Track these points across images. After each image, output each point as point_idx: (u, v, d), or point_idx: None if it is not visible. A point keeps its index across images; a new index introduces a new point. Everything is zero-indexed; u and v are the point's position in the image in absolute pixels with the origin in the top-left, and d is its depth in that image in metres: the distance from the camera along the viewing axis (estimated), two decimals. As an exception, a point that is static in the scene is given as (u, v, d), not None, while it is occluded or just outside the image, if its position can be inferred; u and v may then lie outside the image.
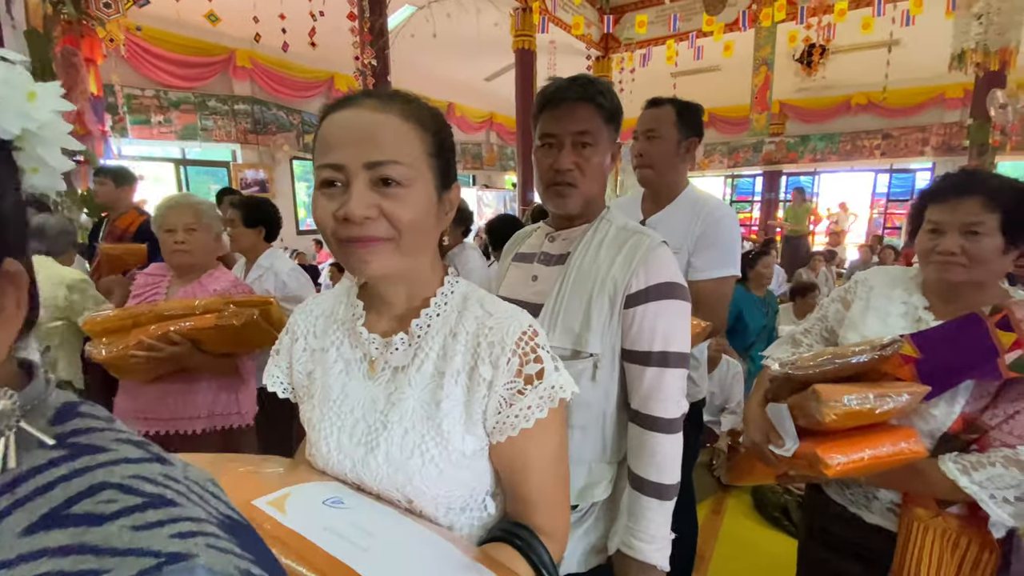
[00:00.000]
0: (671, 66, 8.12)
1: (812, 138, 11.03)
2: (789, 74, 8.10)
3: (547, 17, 7.31)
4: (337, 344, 0.71)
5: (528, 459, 0.66)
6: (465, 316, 0.66)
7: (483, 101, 11.73)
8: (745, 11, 7.23)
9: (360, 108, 0.59)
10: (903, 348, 0.96)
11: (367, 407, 0.66)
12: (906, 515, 1.01)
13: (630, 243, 0.99)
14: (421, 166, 0.60)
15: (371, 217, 0.57)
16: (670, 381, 0.96)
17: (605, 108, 1.00)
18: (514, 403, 0.63)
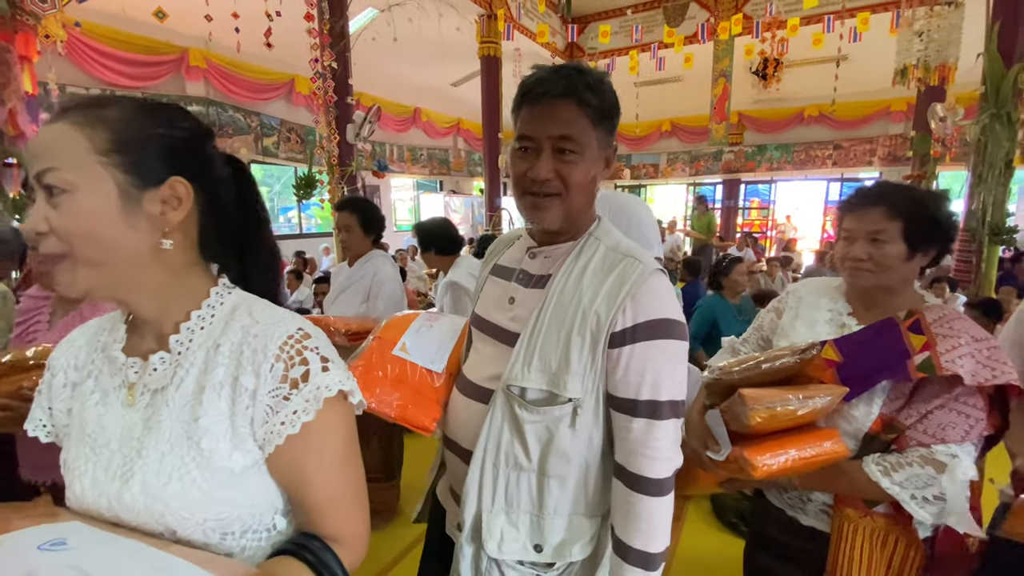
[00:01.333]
0: (634, 76, 8.27)
1: (768, 148, 11.44)
2: (747, 86, 8.36)
3: (512, 25, 7.35)
4: (95, 374, 0.65)
5: (304, 466, 0.61)
6: (231, 326, 0.62)
7: (450, 106, 11.67)
8: (704, 24, 7.45)
9: (46, 124, 0.56)
10: (826, 352, 1.00)
11: (123, 437, 0.60)
12: (837, 516, 1.04)
13: (619, 270, 0.84)
14: (87, 170, 0.54)
15: (42, 232, 0.54)
16: (661, 435, 0.82)
17: (593, 107, 0.82)
18: (280, 410, 0.59)
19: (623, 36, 8.51)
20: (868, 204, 1.04)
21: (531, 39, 7.93)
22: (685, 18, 7.91)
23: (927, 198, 1.02)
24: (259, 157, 7.84)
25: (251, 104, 7.53)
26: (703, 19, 7.74)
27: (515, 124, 0.88)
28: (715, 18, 7.41)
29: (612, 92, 0.86)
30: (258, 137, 7.78)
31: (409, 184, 12.83)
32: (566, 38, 8.61)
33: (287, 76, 7.90)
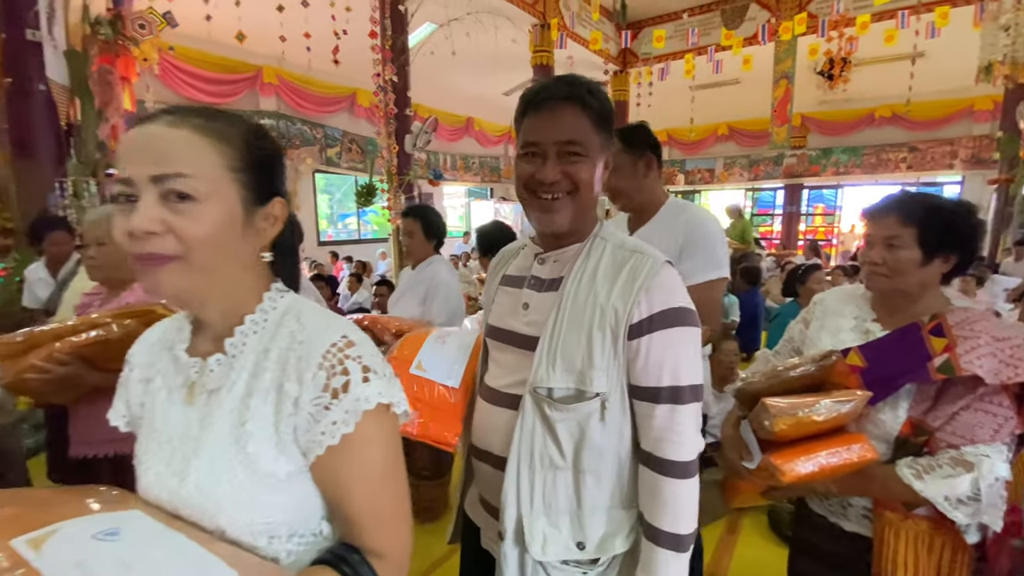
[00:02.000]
0: (689, 80, 8.12)
1: (835, 151, 10.88)
2: (811, 87, 8.03)
3: (565, 33, 7.40)
4: (163, 371, 0.68)
5: (344, 478, 0.61)
6: (280, 331, 0.63)
7: (501, 115, 11.85)
8: (764, 25, 7.21)
9: (155, 123, 0.57)
10: (850, 358, 1.02)
11: (183, 435, 0.62)
12: (878, 520, 1.03)
13: (629, 265, 0.88)
14: (219, 180, 0.57)
15: (153, 232, 0.55)
16: (683, 419, 0.85)
17: (594, 110, 0.87)
18: (320, 419, 0.59)
19: (678, 40, 8.36)
20: (885, 211, 1.08)
21: (584, 46, 7.95)
22: (744, 19, 7.69)
23: (944, 206, 1.04)
24: (323, 167, 8.27)
25: (316, 117, 7.97)
26: (763, 20, 7.51)
27: (518, 133, 0.92)
28: (777, 18, 7.16)
29: (608, 99, 0.91)
30: (322, 148, 8.21)
31: (461, 191, 13.12)
32: (619, 44, 8.57)
33: (349, 90, 8.31)
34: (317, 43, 4.74)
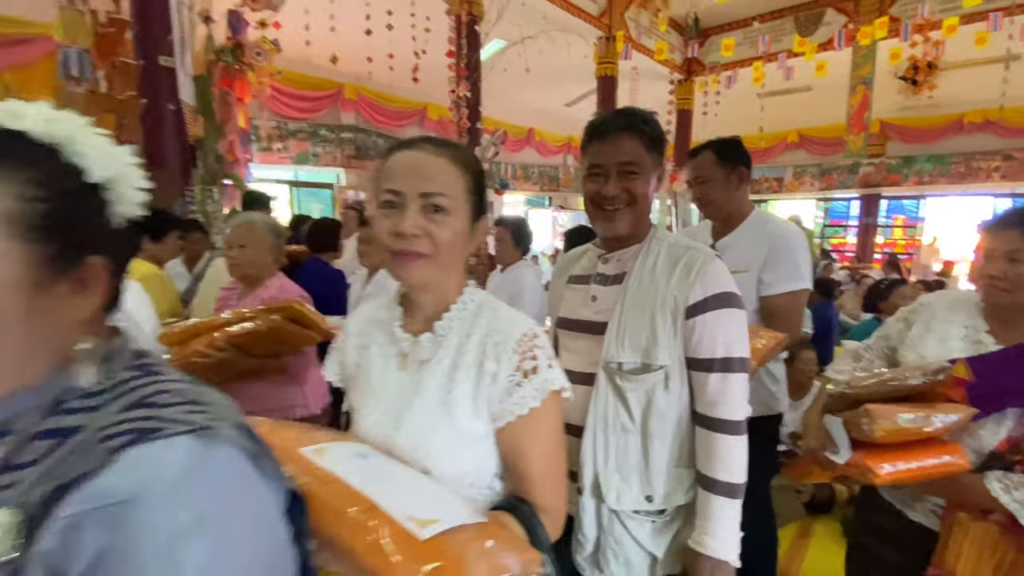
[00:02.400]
0: (757, 87, 7.95)
1: (918, 159, 10.23)
2: (891, 91, 7.64)
3: (631, 44, 7.48)
4: (378, 342, 0.84)
5: (525, 442, 0.75)
6: (479, 320, 0.79)
7: (562, 125, 12.02)
8: (841, 30, 6.98)
9: (420, 150, 0.74)
10: (957, 370, 1.03)
11: (398, 393, 0.78)
12: (948, 517, 1.07)
13: (685, 259, 1.05)
14: (461, 200, 0.74)
15: (415, 235, 0.71)
16: (734, 385, 1.02)
17: (648, 136, 1.07)
18: (513, 393, 0.73)
19: (747, 47, 8.21)
20: (1007, 224, 1.08)
21: (649, 57, 7.98)
22: (821, 24, 7.47)
23: None
24: (394, 177, 8.72)
25: (391, 130, 8.44)
26: (840, 24, 7.26)
27: (584, 157, 1.14)
28: (855, 23, 6.91)
29: (659, 126, 1.10)
30: (394, 159, 8.67)
31: (520, 200, 13.37)
32: (685, 53, 8.53)
33: (421, 104, 8.73)
34: (397, 62, 5.10)
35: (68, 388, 0.46)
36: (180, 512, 0.40)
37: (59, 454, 0.42)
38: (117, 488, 0.39)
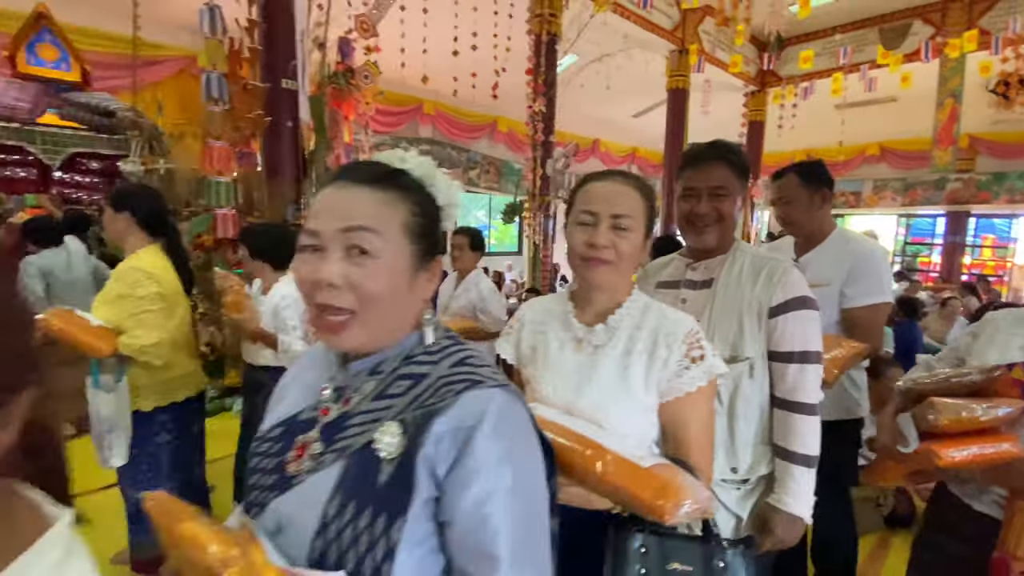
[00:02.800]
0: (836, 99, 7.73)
1: (1010, 176, 9.54)
2: (982, 105, 7.23)
3: (704, 58, 7.50)
4: (554, 328, 1.03)
5: (688, 414, 0.92)
6: (648, 317, 0.96)
7: (627, 136, 12.09)
8: (928, 42, 6.71)
9: (612, 181, 0.94)
10: (1015, 372, 1.16)
11: (576, 369, 0.96)
12: (1010, 506, 1.18)
13: (767, 268, 1.23)
14: (641, 221, 0.93)
15: (608, 247, 0.92)
16: (809, 374, 1.19)
17: (736, 165, 1.26)
18: (683, 374, 0.90)
19: (826, 58, 8.01)
20: None
21: (723, 70, 7.96)
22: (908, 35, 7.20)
23: None
24: (466, 187, 9.12)
25: (462, 142, 8.86)
26: (927, 35, 6.98)
27: (678, 181, 1.33)
28: (942, 35, 6.63)
29: (744, 155, 1.30)
30: (465, 170, 9.08)
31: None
32: (759, 65, 8.44)
33: (492, 118, 9.11)
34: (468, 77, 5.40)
35: (416, 345, 0.66)
36: (501, 441, 0.57)
37: (416, 391, 0.61)
38: (464, 418, 0.57)
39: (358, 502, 0.56)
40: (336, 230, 0.59)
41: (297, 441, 0.64)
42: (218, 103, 3.57)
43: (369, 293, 0.59)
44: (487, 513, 0.55)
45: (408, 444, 0.57)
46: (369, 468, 0.58)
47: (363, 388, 0.63)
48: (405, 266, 0.62)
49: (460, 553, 0.57)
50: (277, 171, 3.93)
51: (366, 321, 0.60)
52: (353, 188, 0.61)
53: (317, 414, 0.65)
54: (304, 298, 0.63)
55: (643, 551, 0.85)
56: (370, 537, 0.55)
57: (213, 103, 3.56)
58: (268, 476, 0.64)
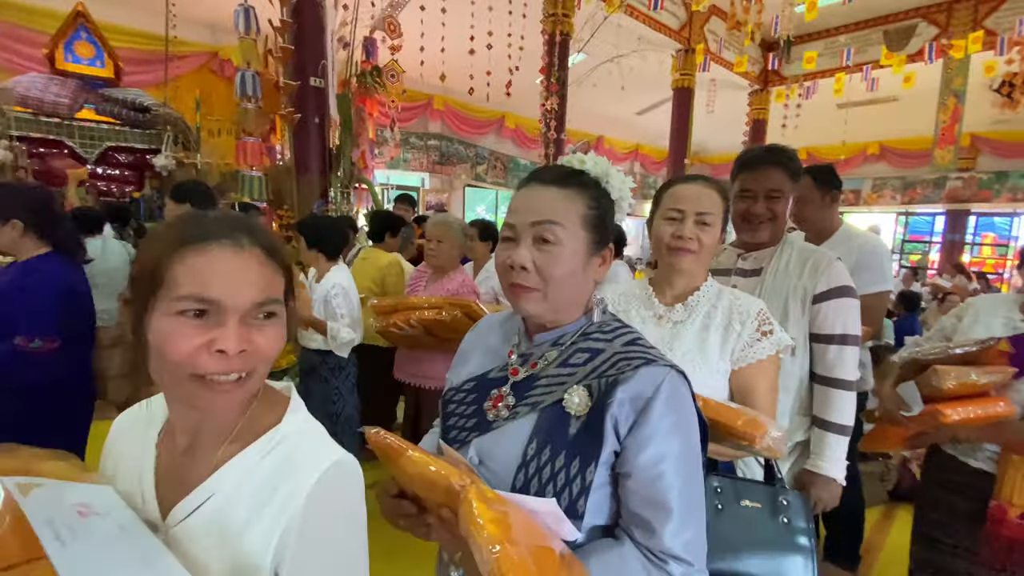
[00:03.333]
0: (838, 98, 7.87)
1: (1011, 175, 9.73)
2: (984, 104, 7.39)
3: (709, 57, 7.64)
4: (636, 307, 1.20)
5: (758, 379, 1.08)
6: (722, 298, 1.14)
7: (630, 133, 12.24)
8: (932, 43, 6.86)
9: (697, 184, 1.10)
10: (1001, 345, 1.36)
11: (657, 340, 1.08)
12: (1003, 459, 1.39)
13: (812, 259, 1.40)
14: (719, 218, 1.08)
15: (692, 239, 1.08)
16: (848, 354, 1.36)
17: (789, 168, 1.41)
18: (754, 345, 1.07)
19: (829, 58, 8.16)
20: None
21: (728, 69, 8.10)
22: (913, 36, 7.34)
23: None
24: (473, 182, 9.27)
25: (470, 138, 9.00)
26: (930, 36, 7.12)
27: (733, 183, 1.47)
28: (947, 36, 6.78)
29: (797, 158, 1.44)
30: (473, 165, 9.22)
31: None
32: (764, 65, 8.58)
33: (499, 114, 9.25)
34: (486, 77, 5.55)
35: (590, 323, 0.78)
36: (671, 414, 0.68)
37: (595, 363, 0.73)
38: (642, 389, 0.68)
39: (553, 447, 0.69)
40: (527, 224, 0.73)
41: (492, 394, 0.78)
42: (251, 100, 3.71)
43: (551, 274, 0.72)
44: (662, 471, 0.68)
45: (595, 405, 0.70)
46: (560, 421, 0.71)
47: (547, 356, 0.77)
48: (582, 252, 0.74)
49: (635, 500, 0.69)
50: (305, 166, 4.09)
51: (547, 295, 0.73)
52: (540, 188, 0.75)
53: (507, 373, 0.79)
54: (500, 278, 0.78)
55: (719, 490, 1.02)
56: (566, 476, 0.68)
57: (247, 100, 3.70)
58: (468, 420, 0.79)
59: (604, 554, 0.68)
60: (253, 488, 0.59)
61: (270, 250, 0.60)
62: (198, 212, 0.64)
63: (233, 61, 6.17)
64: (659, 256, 1.16)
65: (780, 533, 0.99)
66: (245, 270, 0.57)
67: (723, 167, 12.93)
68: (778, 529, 0.99)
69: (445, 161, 8.77)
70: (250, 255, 0.58)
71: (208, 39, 6.25)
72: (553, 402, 0.72)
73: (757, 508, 1.00)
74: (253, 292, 0.57)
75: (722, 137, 11.06)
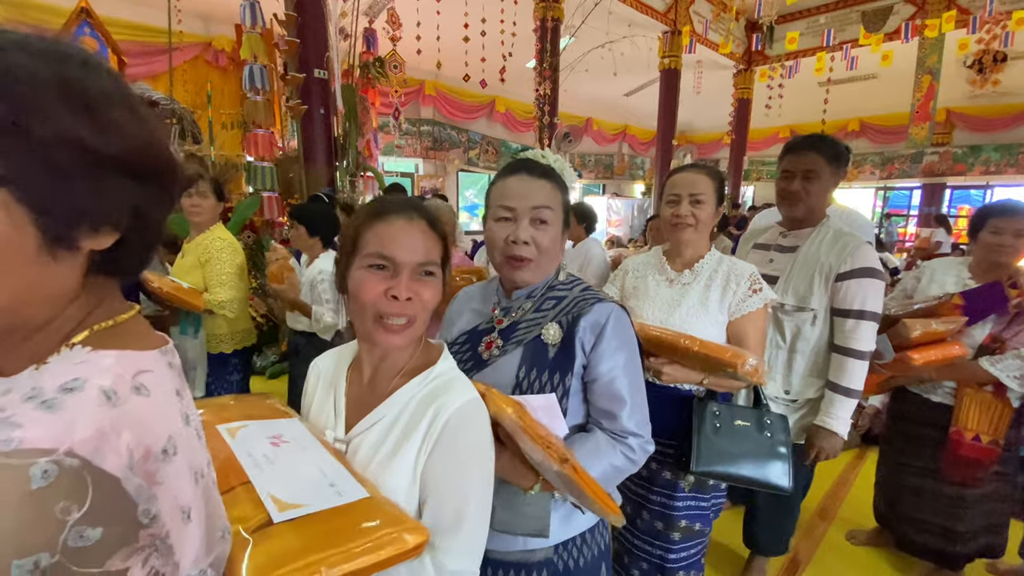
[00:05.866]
0: (819, 77, 8.09)
1: (985, 149, 10.09)
2: (959, 80, 7.67)
3: (695, 39, 7.80)
4: (652, 273, 1.47)
5: (749, 328, 1.32)
6: (722, 265, 1.37)
7: (618, 114, 12.38)
8: (908, 22, 7.09)
9: (692, 172, 1.36)
10: (954, 299, 1.67)
11: (668, 299, 1.38)
12: (959, 392, 1.71)
13: (842, 241, 1.58)
14: (712, 196, 1.34)
15: (688, 215, 1.33)
16: (864, 329, 1.54)
17: (825, 153, 1.60)
18: (747, 300, 1.31)
19: (810, 37, 8.34)
20: (1012, 214, 1.73)
21: (713, 50, 8.28)
22: (890, 15, 7.55)
23: None
24: (466, 167, 9.40)
25: (462, 123, 9.11)
26: (907, 15, 7.34)
27: (780, 165, 1.69)
28: (922, 16, 7.02)
29: (840, 145, 1.63)
30: (465, 150, 9.34)
31: (576, 188, 13.85)
32: (748, 46, 8.76)
33: (489, 98, 9.35)
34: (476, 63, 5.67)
35: (553, 279, 1.01)
36: (618, 336, 0.93)
37: (561, 305, 0.96)
38: (598, 318, 0.92)
39: (538, 368, 0.94)
40: (528, 207, 0.94)
41: (484, 340, 1.00)
42: (260, 92, 3.84)
43: (544, 247, 0.95)
44: (615, 375, 0.93)
45: (565, 333, 0.94)
46: (541, 350, 0.94)
47: (523, 306, 1.00)
48: (560, 230, 0.98)
49: (600, 397, 0.95)
50: (312, 156, 4.23)
51: (539, 264, 0.97)
52: (532, 179, 0.96)
53: (493, 324, 1.01)
54: (495, 250, 0.98)
55: (716, 413, 1.27)
56: (551, 386, 0.92)
57: (255, 92, 3.83)
58: (466, 363, 1.00)
59: (584, 441, 0.94)
60: (411, 411, 0.75)
61: (432, 222, 0.78)
62: (384, 196, 0.87)
63: (227, 51, 6.23)
64: (667, 233, 1.40)
65: (765, 445, 1.25)
66: (412, 237, 0.74)
67: (710, 145, 13.20)
68: (764, 442, 1.25)
69: (438, 147, 8.89)
70: (417, 225, 0.75)
71: (201, 30, 6.27)
72: (533, 337, 0.95)
73: (747, 426, 1.26)
74: (418, 254, 0.74)
75: (708, 116, 11.27)
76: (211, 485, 0.47)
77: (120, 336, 0.44)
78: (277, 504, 0.59)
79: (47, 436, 0.33)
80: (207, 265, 2.19)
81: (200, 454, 0.46)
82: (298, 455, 0.71)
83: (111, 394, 0.38)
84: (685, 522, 1.37)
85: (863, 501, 2.36)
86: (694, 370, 1.26)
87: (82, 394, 0.36)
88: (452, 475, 0.72)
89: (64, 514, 0.32)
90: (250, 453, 0.69)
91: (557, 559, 0.96)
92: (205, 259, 2.20)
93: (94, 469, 0.34)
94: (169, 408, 0.43)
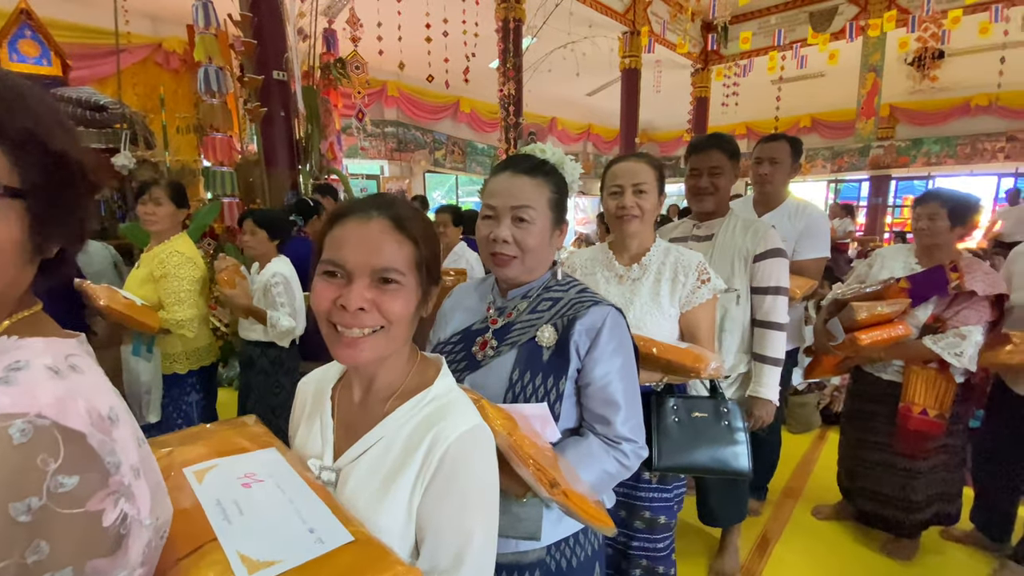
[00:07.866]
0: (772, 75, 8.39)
1: (926, 141, 10.66)
2: (901, 77, 8.08)
3: (654, 39, 7.97)
4: (600, 269, 1.45)
5: (700, 319, 1.34)
6: (669, 256, 1.38)
7: (582, 114, 12.52)
8: (852, 22, 7.44)
9: (633, 160, 1.59)
10: (901, 283, 1.79)
11: (620, 296, 1.37)
12: (907, 370, 1.83)
13: (753, 227, 1.73)
14: (654, 188, 1.34)
15: (633, 207, 1.32)
16: (780, 304, 1.69)
17: (727, 151, 1.76)
18: (696, 292, 1.33)
19: (762, 37, 8.65)
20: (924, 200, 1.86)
21: (672, 50, 8.48)
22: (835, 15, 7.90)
23: (961, 197, 1.82)
24: (432, 168, 9.34)
25: (427, 123, 9.04)
26: (851, 15, 7.70)
27: (686, 164, 1.84)
28: (865, 16, 7.37)
29: (737, 144, 1.79)
30: (431, 151, 9.28)
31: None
32: (704, 46, 9.01)
33: (454, 98, 9.32)
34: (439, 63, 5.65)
35: (549, 280, 0.99)
36: (614, 340, 0.92)
37: (557, 307, 0.94)
38: (594, 322, 0.91)
39: (532, 371, 0.93)
40: (508, 206, 0.92)
41: (478, 340, 0.98)
42: (216, 96, 3.73)
43: (527, 245, 0.93)
44: (610, 380, 0.92)
45: (560, 335, 0.92)
46: (535, 352, 0.93)
47: (519, 307, 0.98)
48: (547, 227, 0.96)
49: (594, 402, 0.94)
50: (273, 159, 4.13)
51: (523, 262, 0.96)
52: (516, 176, 0.94)
53: (487, 324, 0.99)
54: (483, 249, 0.98)
55: (675, 407, 1.31)
56: (544, 389, 0.92)
57: (211, 96, 3.72)
58: (459, 363, 0.98)
59: (576, 446, 0.94)
60: (403, 439, 0.68)
61: (399, 222, 0.67)
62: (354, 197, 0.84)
63: (179, 53, 6.02)
64: (612, 225, 1.40)
65: (723, 433, 1.30)
66: (366, 239, 0.65)
67: (671, 143, 13.50)
68: (722, 431, 1.30)
69: (403, 148, 8.80)
70: (375, 225, 0.65)
71: (149, 31, 6.04)
72: (528, 339, 0.94)
73: (705, 417, 1.31)
74: (374, 257, 0.64)
75: (669, 115, 11.52)
76: (149, 455, 0.50)
77: (38, 326, 0.48)
78: (247, 564, 0.52)
79: (15, 403, 0.38)
80: (162, 281, 2.06)
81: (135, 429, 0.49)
82: (274, 497, 0.63)
83: (56, 369, 0.42)
84: (649, 513, 1.40)
85: (827, 479, 2.48)
86: (655, 372, 1.29)
87: (30, 371, 0.41)
88: (452, 513, 0.65)
89: (44, 465, 0.37)
90: (219, 501, 0.61)
91: (550, 560, 0.96)
92: (160, 274, 2.06)
93: (62, 427, 0.38)
94: (104, 384, 0.47)
